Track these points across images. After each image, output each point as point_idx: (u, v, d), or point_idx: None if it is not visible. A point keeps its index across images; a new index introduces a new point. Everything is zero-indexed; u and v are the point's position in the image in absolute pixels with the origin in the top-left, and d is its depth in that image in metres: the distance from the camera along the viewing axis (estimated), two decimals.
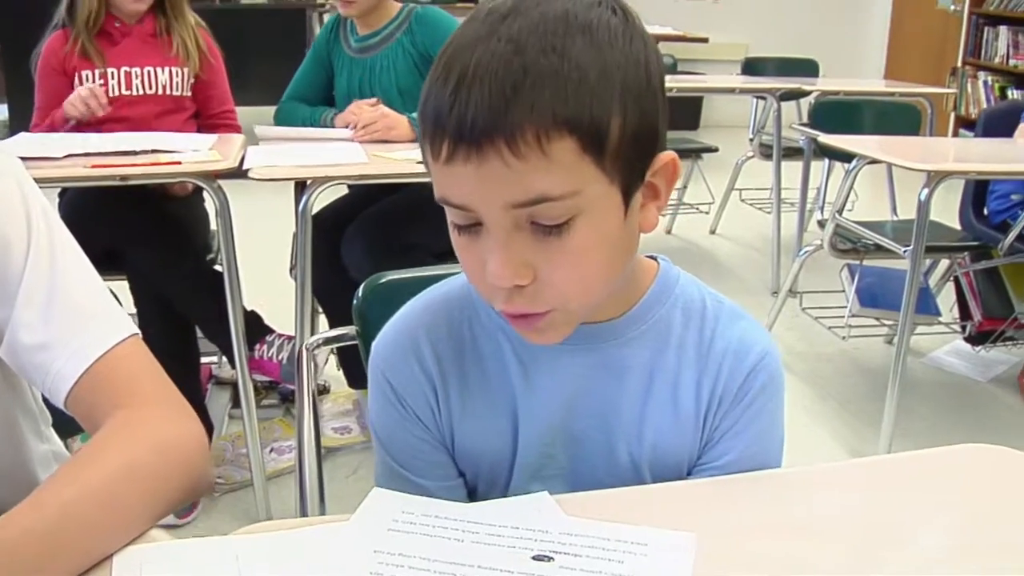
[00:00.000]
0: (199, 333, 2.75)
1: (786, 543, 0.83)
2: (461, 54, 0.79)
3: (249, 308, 2.80)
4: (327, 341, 1.39)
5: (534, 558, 0.79)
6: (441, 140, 0.79)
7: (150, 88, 2.79)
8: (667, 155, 0.88)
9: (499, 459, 0.99)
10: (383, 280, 1.32)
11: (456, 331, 0.99)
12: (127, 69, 2.78)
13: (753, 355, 0.98)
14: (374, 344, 1.01)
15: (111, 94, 2.73)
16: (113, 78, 2.76)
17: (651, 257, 1.02)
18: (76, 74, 2.74)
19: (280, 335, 2.75)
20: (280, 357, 2.68)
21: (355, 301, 1.31)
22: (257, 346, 2.70)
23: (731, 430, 0.97)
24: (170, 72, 2.82)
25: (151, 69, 2.80)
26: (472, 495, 1.02)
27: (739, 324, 1.00)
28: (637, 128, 0.82)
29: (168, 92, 2.83)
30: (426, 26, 2.81)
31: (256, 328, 2.75)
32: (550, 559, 0.79)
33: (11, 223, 1.00)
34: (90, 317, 1.00)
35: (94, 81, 2.73)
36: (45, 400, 1.16)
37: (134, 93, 2.77)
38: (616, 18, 0.83)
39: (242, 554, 0.79)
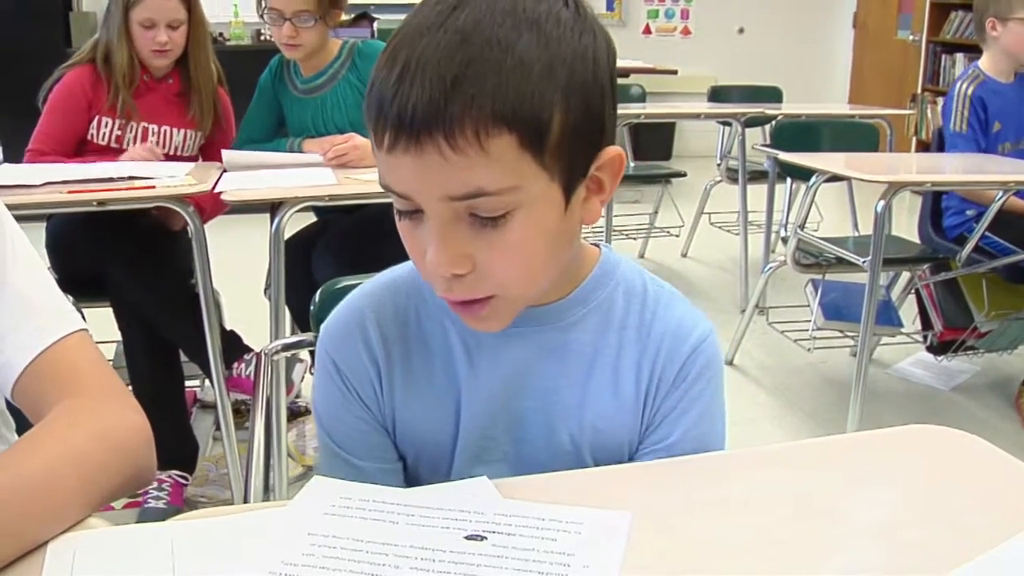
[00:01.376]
0: (183, 357, 2.72)
1: (723, 521, 0.81)
2: (408, 42, 0.78)
3: (229, 329, 2.78)
4: (286, 347, 1.37)
5: (467, 537, 0.76)
6: (383, 129, 0.78)
7: (163, 147, 2.79)
8: (613, 150, 0.86)
9: (441, 442, 0.97)
10: (340, 285, 1.30)
11: (402, 314, 0.97)
12: (146, 125, 2.78)
13: (693, 338, 0.96)
14: (323, 326, 0.99)
15: (125, 146, 2.73)
16: (131, 131, 2.76)
17: (594, 244, 1.00)
18: (98, 117, 2.73)
19: (257, 353, 2.72)
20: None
21: (312, 307, 1.29)
22: (235, 365, 2.67)
23: (672, 412, 0.95)
24: (184, 134, 2.84)
25: (167, 129, 2.82)
26: (414, 479, 0.99)
27: (678, 307, 0.98)
28: (580, 124, 0.81)
29: (178, 152, 2.84)
30: (369, 60, 2.79)
31: (235, 347, 2.72)
32: (483, 538, 0.76)
33: None
34: (38, 312, 0.98)
35: (112, 130, 2.72)
36: (9, 405, 1.13)
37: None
38: (567, 11, 0.81)
39: (176, 539, 0.76)
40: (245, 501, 1.36)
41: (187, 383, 2.80)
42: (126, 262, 2.56)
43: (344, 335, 0.97)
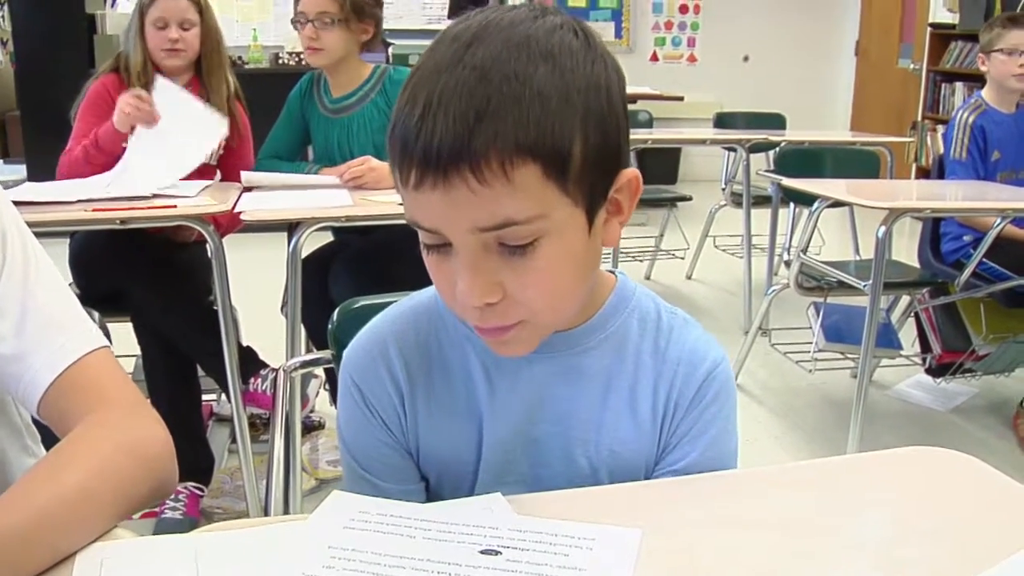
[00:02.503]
0: (201, 372, 2.73)
1: (730, 539, 0.82)
2: (427, 81, 0.78)
3: (246, 345, 2.79)
4: (304, 364, 1.38)
5: (482, 552, 0.77)
6: (409, 167, 0.78)
7: None
8: (629, 172, 0.87)
9: (463, 464, 0.97)
10: (358, 304, 1.31)
11: (424, 340, 0.97)
12: None
13: (707, 364, 0.97)
14: (345, 352, 1.00)
15: None
16: None
17: (610, 271, 1.01)
18: None
19: (274, 369, 2.73)
20: (274, 390, 2.66)
21: (330, 325, 1.30)
22: (252, 380, 2.68)
23: (688, 435, 0.96)
24: None
25: None
26: (436, 499, 1.00)
27: (692, 333, 0.99)
28: (599, 150, 0.81)
29: None
30: (399, 87, 2.78)
31: (251, 363, 2.73)
32: (498, 553, 0.77)
33: None
34: (62, 329, 0.99)
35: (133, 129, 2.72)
36: (33, 418, 1.14)
37: None
38: (577, 41, 0.82)
39: (200, 550, 0.77)
40: (265, 514, 1.36)
41: (203, 397, 2.81)
42: (146, 279, 2.58)
43: (367, 362, 0.97)
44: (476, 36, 0.79)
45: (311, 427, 3.11)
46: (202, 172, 2.81)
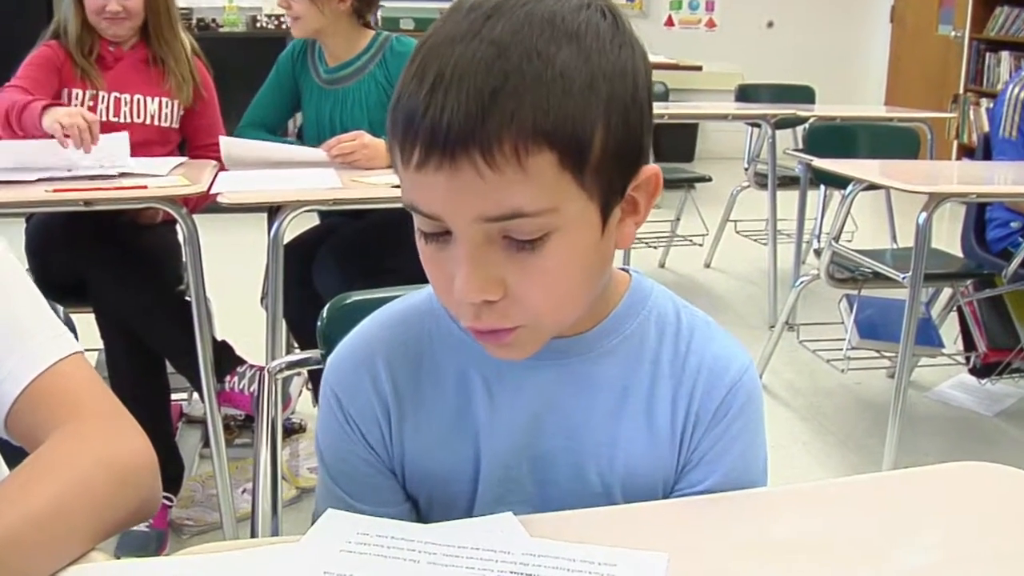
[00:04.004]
0: (170, 368, 2.73)
1: (762, 563, 0.82)
2: (439, 53, 0.77)
3: (221, 339, 2.78)
4: (291, 365, 1.38)
5: None
6: (412, 145, 0.77)
7: (138, 117, 2.78)
8: (650, 169, 0.86)
9: (458, 483, 0.96)
10: (349, 301, 1.31)
11: (415, 347, 0.97)
12: (117, 95, 2.78)
13: (732, 372, 0.96)
14: (329, 358, 0.99)
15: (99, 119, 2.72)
16: (103, 102, 2.76)
17: (623, 269, 1.00)
18: (67, 89, 2.73)
19: (252, 366, 2.72)
20: (251, 389, 2.66)
21: (320, 323, 1.30)
22: (228, 378, 2.67)
23: (711, 451, 0.95)
24: (160, 103, 2.82)
25: (140, 97, 2.80)
26: (427, 523, 1.00)
27: (716, 339, 0.98)
28: (621, 142, 0.81)
29: (155, 123, 2.82)
30: (401, 58, 2.79)
31: (227, 359, 2.72)
32: None
33: None
34: (29, 335, 0.98)
35: (83, 103, 2.72)
36: None
37: (121, 120, 2.76)
38: (605, 22, 0.82)
39: (184, 574, 0.77)
40: (252, 534, 1.36)
41: (173, 396, 2.81)
42: (108, 266, 2.57)
43: (350, 370, 0.97)
44: (496, 7, 0.79)
45: (291, 430, 3.11)
46: (163, 135, 2.82)
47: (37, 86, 2.67)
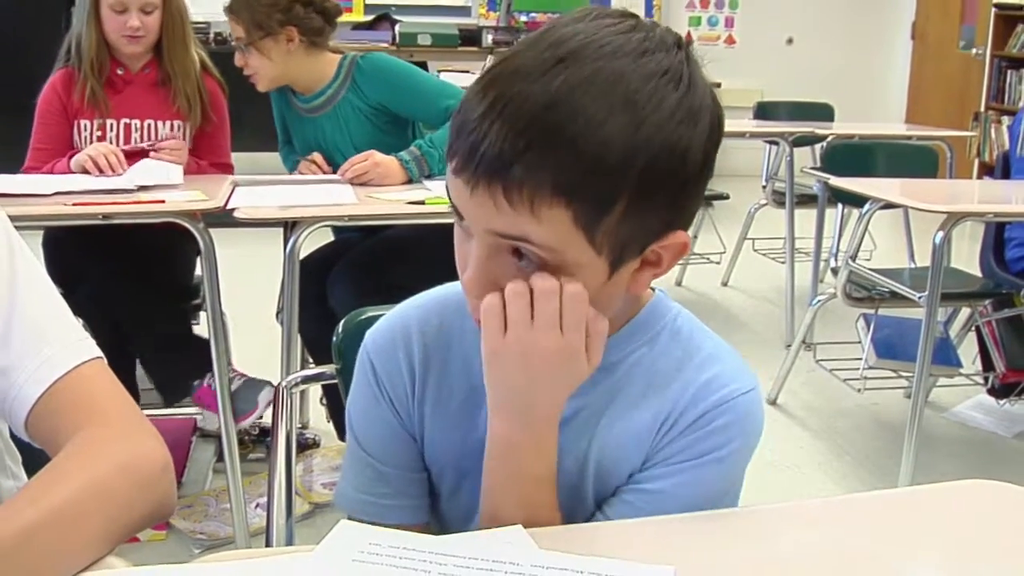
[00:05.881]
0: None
1: None
2: (502, 82, 0.83)
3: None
4: (306, 379, 1.40)
5: None
6: (454, 153, 0.85)
7: (148, 141, 2.81)
8: (680, 235, 0.90)
9: (467, 458, 1.01)
10: (364, 316, 1.33)
11: (447, 329, 1.04)
12: (127, 121, 2.80)
13: (727, 391, 0.97)
14: (369, 331, 1.07)
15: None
16: (112, 130, 2.78)
17: (651, 288, 1.02)
18: (76, 121, 2.77)
19: (234, 371, 2.74)
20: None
21: (335, 338, 1.33)
22: (208, 376, 2.67)
23: (672, 458, 0.96)
24: (171, 125, 2.85)
25: (151, 122, 2.83)
26: (434, 493, 1.06)
27: (724, 360, 1.00)
28: (646, 210, 0.84)
29: None
30: (371, 77, 2.82)
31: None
32: None
33: None
34: (50, 340, 1.01)
35: (92, 131, 2.75)
36: (13, 437, 1.17)
37: (132, 146, 2.78)
38: (676, 94, 0.84)
39: None
40: (267, 541, 1.39)
41: (186, 411, 2.83)
42: (115, 265, 2.62)
43: (387, 341, 1.05)
44: (572, 53, 0.82)
45: (305, 445, 3.13)
46: None
47: (52, 140, 2.75)
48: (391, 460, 1.04)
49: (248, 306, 3.32)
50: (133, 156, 2.74)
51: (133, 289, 2.64)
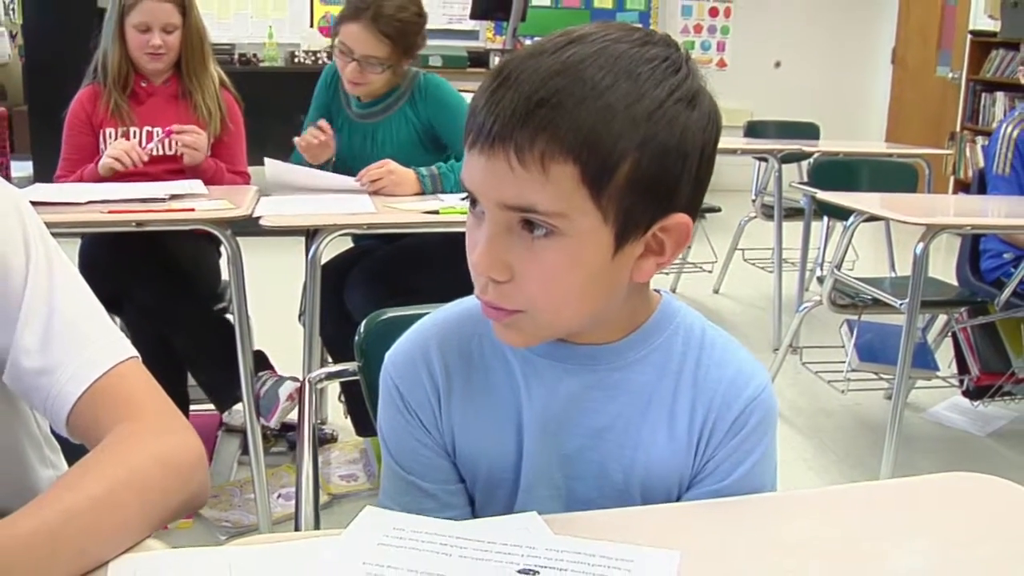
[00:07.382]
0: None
1: (770, 563, 0.83)
2: (517, 62, 0.85)
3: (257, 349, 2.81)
4: (330, 376, 1.41)
5: (519, 572, 0.79)
6: (470, 129, 0.86)
7: (169, 149, 2.82)
8: (681, 216, 0.89)
9: (500, 469, 1.00)
10: (384, 317, 1.33)
11: (466, 344, 1.02)
12: (149, 129, 2.81)
13: (750, 389, 0.98)
14: (387, 354, 1.05)
15: None
16: (134, 137, 2.79)
17: (655, 291, 1.03)
18: (101, 131, 2.79)
19: (271, 374, 2.74)
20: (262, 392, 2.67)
21: (356, 337, 1.33)
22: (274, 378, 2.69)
23: (726, 462, 0.98)
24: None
25: None
26: (471, 506, 1.04)
27: (737, 355, 1.01)
28: (650, 178, 0.85)
29: None
30: (429, 99, 2.82)
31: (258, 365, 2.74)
32: (535, 573, 0.79)
33: (10, 248, 1.01)
34: (89, 340, 1.01)
35: (116, 139, 2.76)
36: (53, 431, 1.17)
37: (154, 153, 2.79)
38: (675, 77, 0.86)
39: (235, 563, 0.79)
40: (296, 527, 1.39)
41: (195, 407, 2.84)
42: (151, 274, 2.62)
43: (408, 364, 1.02)
44: (582, 37, 0.86)
45: (324, 440, 3.13)
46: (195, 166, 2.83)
47: (79, 150, 2.78)
48: (430, 476, 1.02)
49: (272, 309, 3.32)
50: (156, 162, 2.76)
51: (172, 300, 2.64)
